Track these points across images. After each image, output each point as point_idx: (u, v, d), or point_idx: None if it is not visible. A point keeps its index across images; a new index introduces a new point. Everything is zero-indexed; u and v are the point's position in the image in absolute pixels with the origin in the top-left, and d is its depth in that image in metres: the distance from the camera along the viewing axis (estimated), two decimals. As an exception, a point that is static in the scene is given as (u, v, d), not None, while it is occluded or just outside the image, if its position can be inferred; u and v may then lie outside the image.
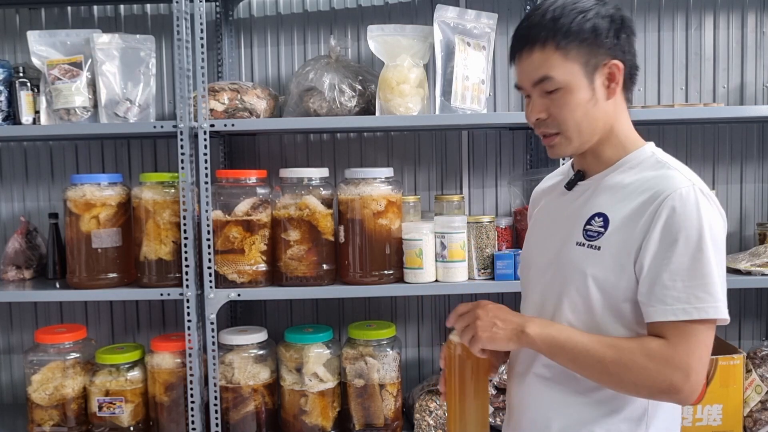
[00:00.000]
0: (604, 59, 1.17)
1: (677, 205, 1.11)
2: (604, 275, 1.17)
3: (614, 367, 1.12)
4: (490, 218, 2.15)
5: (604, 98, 1.19)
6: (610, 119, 1.21)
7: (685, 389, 1.09)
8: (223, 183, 2.09)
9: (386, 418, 2.11)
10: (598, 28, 1.15)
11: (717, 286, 1.10)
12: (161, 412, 2.11)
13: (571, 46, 1.15)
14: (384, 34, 2.11)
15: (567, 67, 1.16)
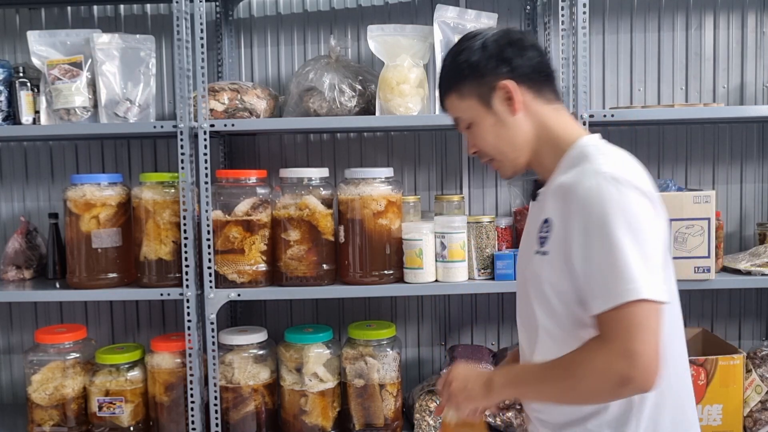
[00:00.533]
0: (492, 84, 1.26)
1: (581, 199, 1.13)
2: (555, 280, 1.20)
3: (570, 382, 1.12)
4: (490, 218, 2.15)
5: (510, 116, 1.26)
6: (528, 130, 1.27)
7: (636, 375, 1.07)
8: (223, 183, 2.09)
9: (386, 418, 2.11)
10: (473, 62, 1.26)
11: (631, 266, 1.08)
12: (161, 412, 2.11)
13: (461, 87, 1.29)
14: (384, 34, 2.11)
15: (466, 105, 1.29)
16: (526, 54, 1.26)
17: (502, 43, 1.26)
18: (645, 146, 2.44)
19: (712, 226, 1.98)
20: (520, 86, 1.25)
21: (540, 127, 1.27)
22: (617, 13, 2.44)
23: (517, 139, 1.27)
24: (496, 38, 1.27)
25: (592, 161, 1.18)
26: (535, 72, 1.27)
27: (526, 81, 1.26)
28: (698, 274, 2.00)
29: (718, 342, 2.23)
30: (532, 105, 1.26)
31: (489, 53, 1.26)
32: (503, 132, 1.27)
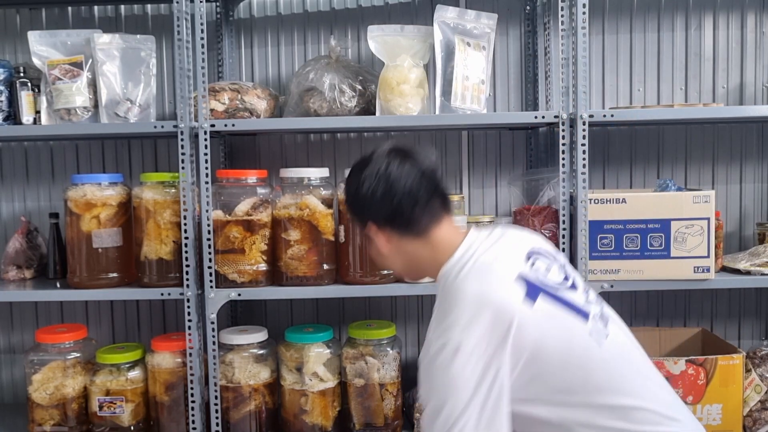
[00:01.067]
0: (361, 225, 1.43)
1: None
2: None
3: None
4: (490, 218, 2.15)
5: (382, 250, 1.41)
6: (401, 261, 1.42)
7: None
8: (224, 183, 2.09)
9: (386, 418, 2.11)
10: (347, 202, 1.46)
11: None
12: (162, 412, 2.12)
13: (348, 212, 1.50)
14: (384, 35, 2.11)
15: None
16: (383, 203, 1.36)
17: (362, 195, 1.37)
18: (644, 146, 2.44)
19: (711, 225, 1.98)
20: (382, 230, 1.38)
21: (413, 257, 1.39)
22: (617, 14, 2.44)
23: (395, 266, 1.45)
24: (357, 188, 1.38)
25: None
26: (394, 216, 1.36)
27: (388, 225, 1.38)
28: (698, 274, 2.00)
29: (718, 342, 2.24)
30: (399, 243, 1.39)
31: (354, 200, 1.42)
32: (381, 258, 1.44)
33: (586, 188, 1.97)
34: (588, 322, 1.26)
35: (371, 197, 1.36)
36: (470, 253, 1.30)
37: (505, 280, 1.23)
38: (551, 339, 1.20)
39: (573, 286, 1.32)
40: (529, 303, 1.21)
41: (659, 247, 1.99)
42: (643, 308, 2.48)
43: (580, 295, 1.31)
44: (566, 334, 1.22)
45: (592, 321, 1.26)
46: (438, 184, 1.39)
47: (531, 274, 1.26)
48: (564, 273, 1.34)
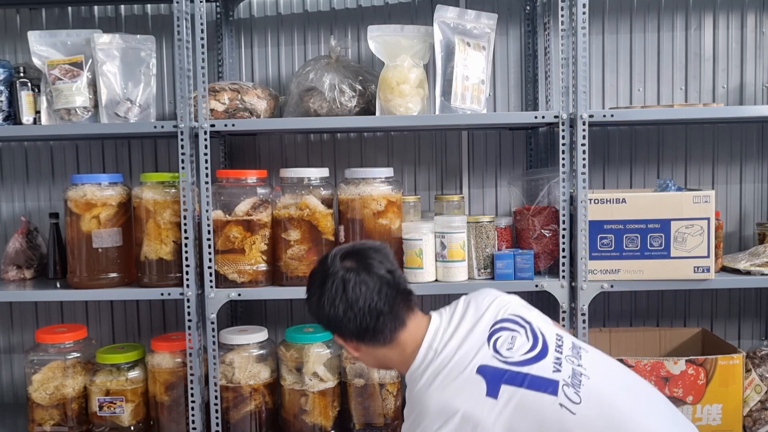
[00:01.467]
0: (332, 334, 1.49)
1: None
2: None
3: None
4: (490, 218, 2.15)
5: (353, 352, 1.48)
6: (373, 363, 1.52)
7: None
8: (224, 183, 2.09)
9: (386, 418, 2.12)
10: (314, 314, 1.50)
11: None
12: (162, 412, 2.12)
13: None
14: (384, 34, 2.11)
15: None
16: (346, 321, 1.41)
17: (326, 312, 1.42)
18: (644, 146, 2.44)
19: (711, 225, 1.98)
20: (348, 342, 1.45)
21: (383, 359, 1.47)
22: (617, 14, 2.44)
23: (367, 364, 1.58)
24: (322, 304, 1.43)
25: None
26: (359, 332, 1.42)
27: (354, 339, 1.44)
28: (698, 274, 2.00)
29: (718, 342, 2.24)
30: (367, 350, 1.46)
31: (318, 315, 1.46)
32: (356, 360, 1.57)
33: (586, 188, 1.97)
34: (558, 393, 1.27)
35: (334, 316, 1.42)
36: (432, 351, 1.38)
37: (465, 383, 1.29)
38: (521, 424, 1.24)
39: (542, 351, 1.34)
40: (492, 398, 1.26)
41: (659, 247, 1.99)
42: (643, 308, 2.48)
43: (548, 363, 1.32)
44: (536, 415, 1.25)
45: (561, 390, 1.27)
46: (399, 286, 1.44)
47: (492, 361, 1.31)
48: (532, 337, 1.36)
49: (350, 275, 1.40)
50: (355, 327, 1.41)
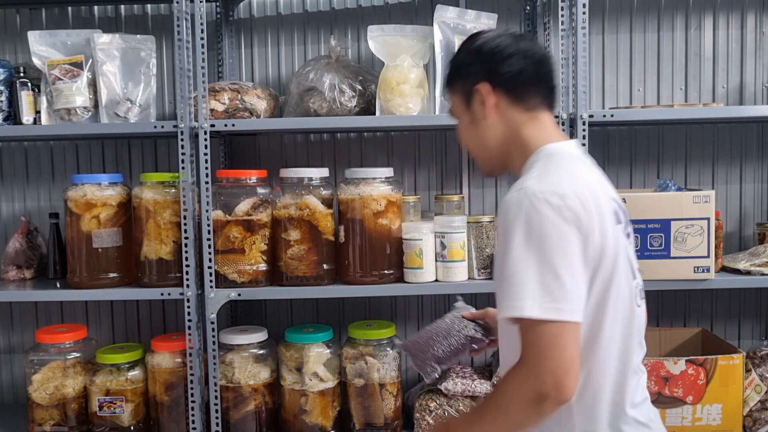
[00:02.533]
0: (472, 85, 1.32)
1: (503, 210, 1.19)
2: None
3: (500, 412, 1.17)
4: (490, 218, 2.15)
5: (483, 117, 1.32)
6: (499, 133, 1.32)
7: (548, 391, 1.10)
8: (224, 183, 2.09)
9: (386, 418, 2.11)
10: (461, 64, 1.35)
11: (517, 286, 1.12)
12: (162, 412, 2.12)
13: (452, 85, 1.38)
14: (384, 34, 2.11)
15: (454, 101, 1.38)
16: (509, 61, 1.29)
17: (489, 48, 1.31)
18: (644, 146, 2.44)
19: (711, 225, 1.98)
20: (496, 91, 1.30)
21: (511, 133, 1.31)
22: (617, 13, 2.44)
23: (487, 142, 1.33)
24: (485, 41, 1.32)
25: (527, 175, 1.23)
26: (516, 79, 1.29)
27: (504, 87, 1.30)
28: (698, 274, 2.00)
29: (718, 342, 2.23)
30: (507, 111, 1.30)
31: (475, 56, 1.32)
32: (475, 132, 1.34)
33: (586, 188, 1.97)
34: (634, 280, 1.29)
35: (497, 52, 1.29)
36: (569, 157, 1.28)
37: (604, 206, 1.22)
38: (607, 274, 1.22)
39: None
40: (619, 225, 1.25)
41: (659, 247, 1.99)
42: (643, 308, 2.48)
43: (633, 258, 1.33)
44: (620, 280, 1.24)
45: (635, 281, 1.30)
46: (553, 76, 1.35)
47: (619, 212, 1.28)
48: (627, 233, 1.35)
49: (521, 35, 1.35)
50: (515, 73, 1.29)
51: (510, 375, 1.16)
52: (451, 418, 1.35)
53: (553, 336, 1.11)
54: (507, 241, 1.15)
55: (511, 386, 1.15)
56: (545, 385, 1.10)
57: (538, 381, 1.10)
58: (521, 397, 1.12)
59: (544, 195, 1.15)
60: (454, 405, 2.13)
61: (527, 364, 1.13)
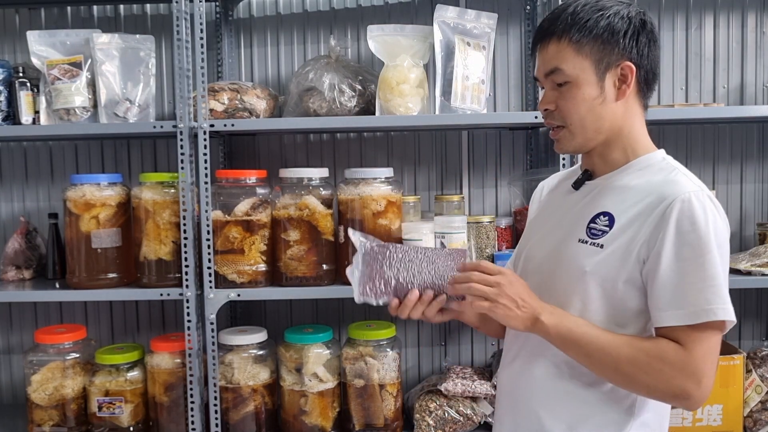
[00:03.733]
0: (617, 60, 1.19)
1: (686, 210, 1.13)
2: (605, 273, 1.18)
3: (629, 367, 1.12)
4: (490, 218, 2.14)
5: (613, 98, 1.20)
6: (618, 120, 1.22)
7: (696, 396, 1.11)
8: (223, 183, 2.09)
9: (386, 419, 2.11)
10: (615, 28, 1.18)
11: (723, 288, 1.11)
12: (161, 413, 2.11)
13: (584, 42, 1.18)
14: (384, 34, 2.11)
15: (578, 62, 1.19)
16: (654, 49, 1.22)
17: (649, 29, 1.21)
18: (645, 146, 2.44)
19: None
20: (636, 77, 1.21)
21: (627, 122, 1.23)
22: (617, 13, 2.43)
23: (605, 122, 1.21)
24: (645, 20, 1.21)
25: (685, 176, 1.19)
26: (652, 71, 1.23)
27: (642, 75, 1.22)
28: (698, 274, 1.99)
29: (718, 342, 2.23)
30: (631, 99, 1.22)
31: (632, 29, 1.19)
32: (598, 109, 1.20)
33: (587, 188, 1.97)
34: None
35: (653, 37, 1.21)
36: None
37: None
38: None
39: None
40: None
41: (660, 248, 1.99)
42: (644, 308, 2.48)
43: None
44: None
45: None
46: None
47: None
48: None
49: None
50: (655, 65, 1.22)
51: (670, 354, 1.11)
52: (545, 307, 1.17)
53: (718, 344, 1.14)
54: (701, 243, 1.11)
55: (663, 362, 1.11)
56: (698, 390, 1.11)
57: (695, 384, 1.10)
58: (668, 382, 1.11)
59: (720, 209, 1.16)
60: (454, 405, 2.13)
61: (693, 361, 1.10)
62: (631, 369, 1.12)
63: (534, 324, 1.17)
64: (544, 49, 1.23)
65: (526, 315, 1.16)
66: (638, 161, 1.24)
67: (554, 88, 1.22)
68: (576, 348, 1.16)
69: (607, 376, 1.17)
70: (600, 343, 1.14)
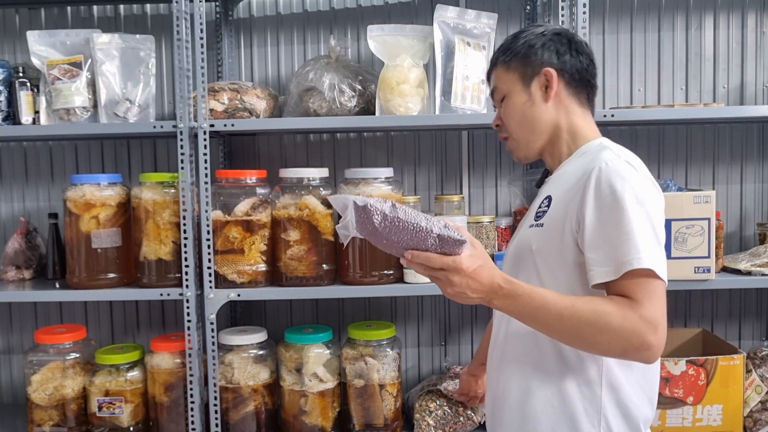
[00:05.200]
0: (538, 68, 1.37)
1: (602, 174, 1.22)
2: (546, 248, 1.28)
3: (589, 329, 1.15)
4: (490, 218, 2.14)
5: (542, 100, 1.37)
6: (552, 119, 1.37)
7: (655, 344, 1.13)
8: (223, 183, 2.09)
9: (386, 419, 2.11)
10: (530, 43, 1.38)
11: (642, 240, 1.16)
12: (161, 413, 2.11)
13: (510, 61, 1.40)
14: (384, 34, 2.11)
15: (508, 78, 1.40)
16: (578, 56, 1.38)
17: (561, 39, 1.38)
18: (645, 146, 2.44)
19: (712, 226, 1.98)
20: (560, 79, 1.36)
21: (563, 120, 1.37)
22: (617, 13, 2.44)
23: (539, 124, 1.37)
24: (558, 32, 1.39)
25: (609, 150, 1.29)
26: (580, 74, 1.38)
27: (568, 78, 1.37)
28: (698, 274, 2.00)
29: (718, 342, 2.23)
30: (564, 99, 1.37)
31: (546, 41, 1.38)
32: (529, 113, 1.37)
33: (587, 188, 1.97)
34: None
35: (573, 45, 1.38)
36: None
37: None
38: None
39: None
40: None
41: (660, 248, 1.99)
42: (644, 308, 2.47)
43: None
44: None
45: None
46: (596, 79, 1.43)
47: None
48: None
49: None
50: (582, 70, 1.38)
51: (623, 307, 1.14)
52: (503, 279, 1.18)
53: (663, 294, 1.17)
54: (616, 202, 1.18)
55: (622, 319, 1.13)
56: (656, 337, 1.13)
57: (652, 331, 1.13)
58: (627, 335, 1.13)
59: (642, 168, 1.26)
60: (454, 405, 2.13)
61: (646, 309, 1.14)
62: (591, 331, 1.15)
63: (489, 304, 1.20)
64: (489, 75, 1.47)
65: (478, 298, 1.19)
66: (578, 150, 1.36)
67: (500, 105, 1.43)
68: (534, 322, 1.20)
69: (567, 342, 1.21)
70: (557, 312, 1.16)
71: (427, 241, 1.15)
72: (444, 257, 1.16)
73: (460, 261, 1.15)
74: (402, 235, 1.16)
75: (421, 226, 1.15)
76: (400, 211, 1.17)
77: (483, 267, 1.17)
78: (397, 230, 1.16)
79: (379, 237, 1.17)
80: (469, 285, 1.17)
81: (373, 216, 1.16)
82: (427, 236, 1.15)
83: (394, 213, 1.16)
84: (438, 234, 1.15)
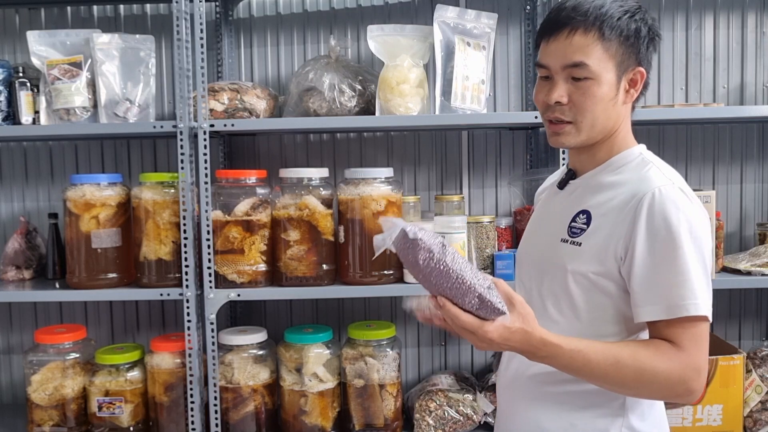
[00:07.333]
0: (634, 64, 1.19)
1: (656, 205, 1.13)
2: (585, 271, 1.19)
3: (634, 383, 1.12)
4: (490, 218, 2.14)
5: (623, 101, 1.21)
6: (619, 121, 1.23)
7: (698, 390, 1.12)
8: (223, 183, 2.09)
9: (386, 419, 2.11)
10: (640, 33, 1.18)
11: (696, 282, 1.12)
12: (161, 413, 2.11)
13: (613, 40, 1.16)
14: (384, 34, 2.10)
15: (604, 60, 1.16)
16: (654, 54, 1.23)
17: (657, 37, 1.22)
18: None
19: (712, 226, 1.97)
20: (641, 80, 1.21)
21: (622, 125, 1.24)
22: (617, 13, 2.43)
23: (610, 122, 1.21)
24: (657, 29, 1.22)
25: (655, 168, 1.20)
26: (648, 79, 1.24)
27: (646, 81, 1.23)
28: (698, 274, 1.99)
29: (718, 342, 2.23)
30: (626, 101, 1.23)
31: (650, 36, 1.20)
32: (610, 109, 1.19)
33: (587, 188, 1.97)
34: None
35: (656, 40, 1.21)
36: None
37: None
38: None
39: None
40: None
41: (660, 248, 1.99)
42: (644, 308, 2.47)
43: None
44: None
45: None
46: None
47: None
48: None
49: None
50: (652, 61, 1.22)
51: (668, 357, 1.11)
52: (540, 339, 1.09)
53: (707, 335, 1.16)
54: (671, 237, 1.11)
55: (667, 369, 1.10)
56: (698, 384, 1.12)
57: (696, 378, 1.11)
58: (674, 384, 1.11)
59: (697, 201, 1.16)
60: (454, 405, 2.13)
61: (693, 358, 1.11)
62: (634, 384, 1.12)
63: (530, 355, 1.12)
64: (565, 38, 1.16)
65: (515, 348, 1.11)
66: (616, 159, 1.24)
67: (569, 81, 1.18)
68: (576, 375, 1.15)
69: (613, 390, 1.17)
70: (601, 372, 1.11)
71: (465, 297, 1.06)
72: (472, 320, 1.06)
73: (485, 331, 1.06)
74: (442, 280, 1.06)
75: (465, 281, 1.05)
76: (448, 256, 1.06)
77: (516, 332, 1.08)
78: (439, 274, 1.06)
79: (416, 271, 1.08)
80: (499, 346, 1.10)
81: (419, 252, 1.06)
82: (468, 292, 1.06)
83: (442, 256, 1.06)
84: (479, 294, 1.06)
